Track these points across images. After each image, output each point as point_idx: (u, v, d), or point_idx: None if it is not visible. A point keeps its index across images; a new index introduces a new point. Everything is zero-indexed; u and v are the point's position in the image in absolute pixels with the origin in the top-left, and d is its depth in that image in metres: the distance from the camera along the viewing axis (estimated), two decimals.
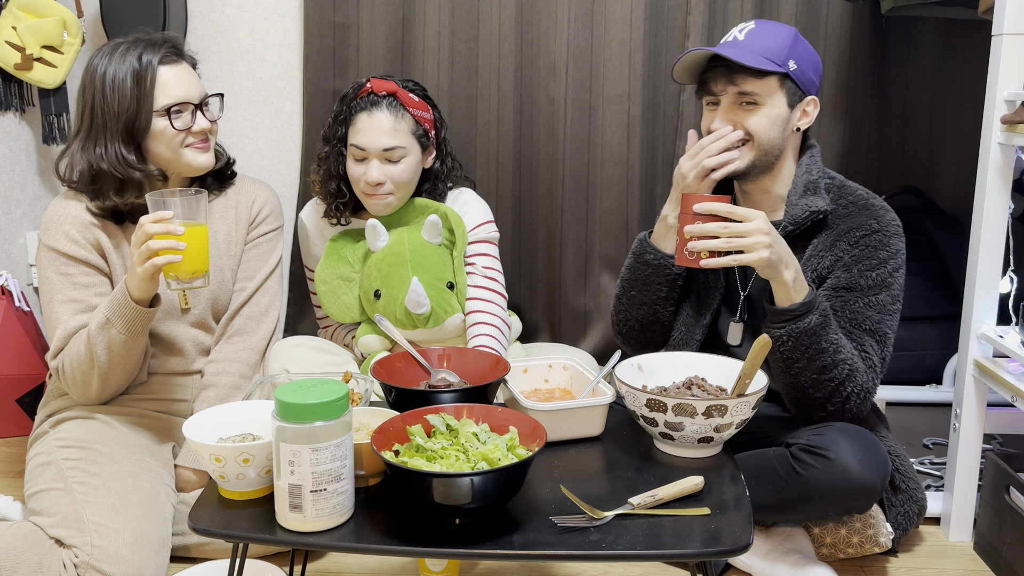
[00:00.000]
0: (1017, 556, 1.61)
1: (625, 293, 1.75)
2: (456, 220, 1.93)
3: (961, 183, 2.45)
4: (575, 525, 1.12)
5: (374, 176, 1.87)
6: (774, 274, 1.47)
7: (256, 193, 1.87)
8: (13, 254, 2.38)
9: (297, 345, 1.93)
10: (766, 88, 1.58)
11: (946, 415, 2.04)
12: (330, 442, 1.08)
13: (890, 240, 1.61)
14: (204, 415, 1.29)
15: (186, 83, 1.69)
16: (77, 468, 1.56)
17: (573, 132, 2.42)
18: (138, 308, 1.55)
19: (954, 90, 2.42)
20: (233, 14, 2.51)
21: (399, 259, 1.88)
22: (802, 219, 1.61)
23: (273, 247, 1.88)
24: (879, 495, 1.49)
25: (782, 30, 1.61)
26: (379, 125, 1.87)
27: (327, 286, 1.96)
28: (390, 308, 1.88)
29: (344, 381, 1.34)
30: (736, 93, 1.59)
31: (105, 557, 1.43)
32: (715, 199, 1.46)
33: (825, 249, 1.62)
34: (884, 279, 1.59)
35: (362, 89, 1.92)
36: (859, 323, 1.58)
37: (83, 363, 1.61)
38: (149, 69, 1.64)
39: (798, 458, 1.49)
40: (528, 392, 1.52)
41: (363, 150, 1.87)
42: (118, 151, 1.64)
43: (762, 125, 1.59)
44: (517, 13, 2.39)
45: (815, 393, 1.54)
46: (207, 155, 1.73)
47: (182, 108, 1.67)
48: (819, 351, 1.50)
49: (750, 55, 1.57)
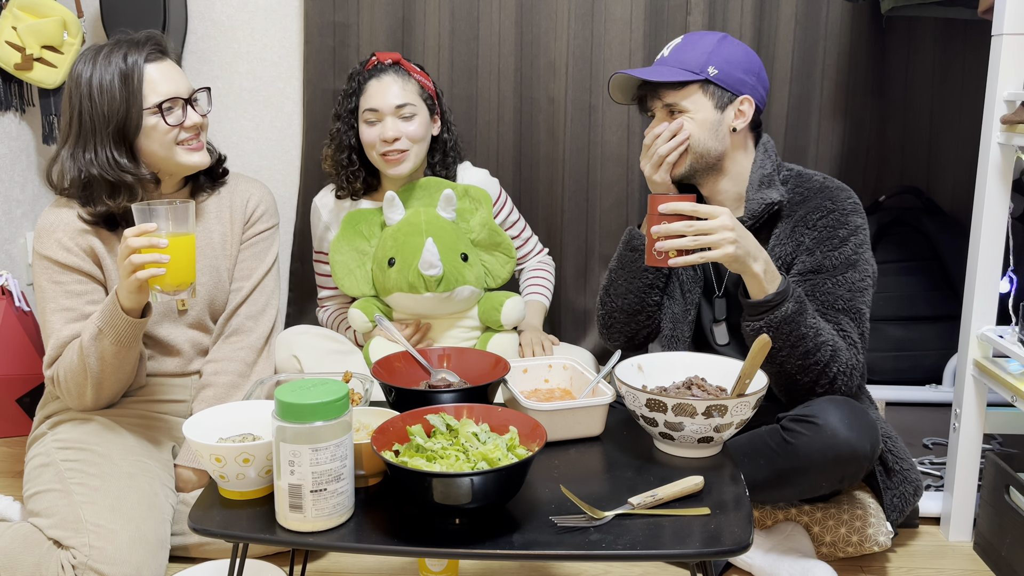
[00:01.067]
0: (1017, 556, 1.61)
1: (612, 282, 1.79)
2: (482, 194, 2.04)
3: (961, 183, 2.45)
4: (575, 525, 1.12)
5: (390, 132, 1.95)
6: (743, 268, 1.50)
7: (251, 192, 1.87)
8: (13, 254, 2.38)
9: (305, 333, 1.95)
10: (686, 96, 1.64)
11: (946, 415, 2.04)
12: (330, 442, 1.08)
13: (848, 218, 1.63)
14: (204, 415, 1.29)
15: (173, 79, 1.68)
16: (75, 469, 1.56)
17: (573, 132, 2.42)
18: (128, 319, 1.53)
19: (954, 90, 2.42)
20: (233, 14, 2.51)
21: (415, 229, 1.92)
22: (759, 212, 1.65)
23: (269, 246, 1.88)
24: (870, 461, 1.51)
25: (706, 40, 1.66)
26: (388, 87, 1.97)
27: (342, 256, 1.99)
28: (403, 274, 1.90)
29: (344, 381, 1.34)
30: (663, 105, 1.67)
31: (103, 558, 1.43)
32: (679, 198, 1.49)
33: (786, 237, 1.65)
34: (849, 257, 1.61)
35: (368, 62, 2.02)
36: (832, 304, 1.61)
37: (76, 373, 1.60)
38: (136, 68, 1.63)
39: (788, 428, 1.52)
40: (528, 392, 1.52)
41: (376, 111, 1.96)
42: (109, 155, 1.63)
43: (690, 130, 1.64)
44: (517, 13, 2.39)
45: (802, 378, 1.56)
46: (200, 154, 1.72)
47: (172, 104, 1.66)
48: (800, 337, 1.52)
49: (665, 70, 1.65)
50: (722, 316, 1.74)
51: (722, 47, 1.65)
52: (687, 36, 1.69)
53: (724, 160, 1.68)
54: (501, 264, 2.05)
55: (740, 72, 1.65)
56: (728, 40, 1.67)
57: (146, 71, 1.64)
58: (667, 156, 1.64)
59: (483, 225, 2.03)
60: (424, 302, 1.92)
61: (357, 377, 1.50)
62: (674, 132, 1.64)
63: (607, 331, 1.83)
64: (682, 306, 1.78)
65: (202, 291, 1.78)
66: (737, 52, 1.66)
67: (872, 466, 1.57)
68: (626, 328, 1.80)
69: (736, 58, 1.65)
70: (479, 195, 2.04)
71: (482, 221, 2.03)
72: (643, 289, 1.75)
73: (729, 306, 1.73)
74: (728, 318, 1.74)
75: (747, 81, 1.65)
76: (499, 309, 1.99)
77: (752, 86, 1.66)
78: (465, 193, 2.03)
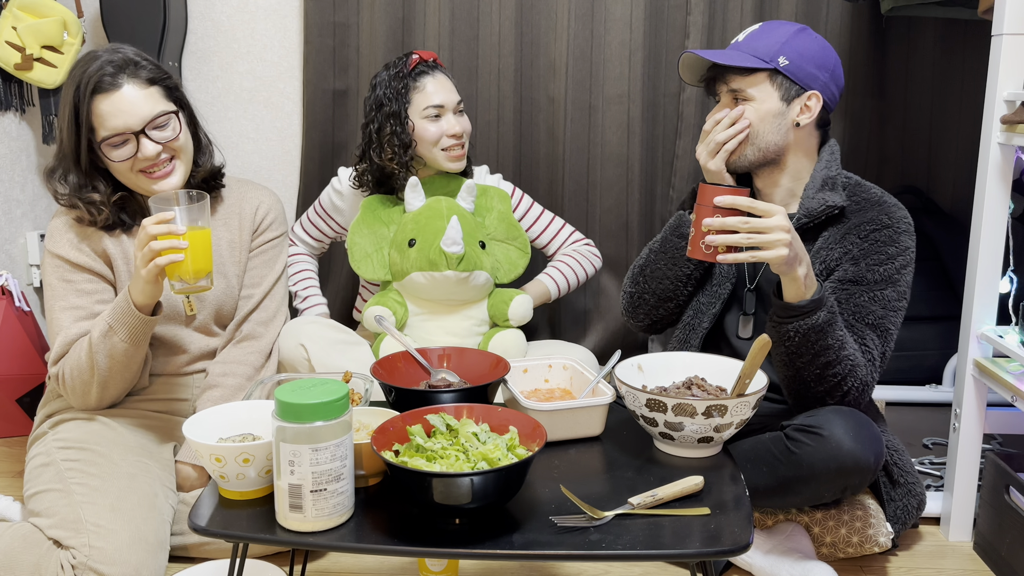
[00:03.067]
0: (1017, 556, 1.61)
1: (651, 264, 1.75)
2: (500, 192, 2.09)
3: (961, 183, 2.45)
4: (575, 525, 1.12)
5: (458, 127, 2.01)
6: (788, 271, 1.46)
7: (260, 199, 1.87)
8: (13, 254, 2.38)
9: (312, 322, 1.95)
10: (753, 83, 1.61)
11: (946, 415, 2.04)
12: (330, 442, 1.08)
13: (900, 237, 1.61)
14: (204, 415, 1.29)
15: (123, 111, 1.59)
16: (76, 469, 1.56)
17: (573, 132, 2.42)
18: (140, 316, 1.55)
19: (954, 90, 2.42)
20: (233, 14, 2.51)
21: (436, 214, 1.94)
22: (817, 212, 1.62)
23: (279, 253, 1.88)
24: (873, 473, 1.50)
25: (782, 29, 1.62)
26: (445, 83, 2.03)
27: (361, 239, 2.01)
28: (424, 252, 1.91)
29: (344, 381, 1.34)
30: (728, 90, 1.64)
31: (103, 558, 1.43)
32: (736, 191, 1.43)
33: (835, 242, 1.63)
34: (891, 275, 1.59)
35: (411, 61, 2.03)
36: (862, 316, 1.58)
37: (83, 371, 1.61)
38: (83, 102, 1.59)
39: (792, 438, 1.51)
40: (528, 392, 1.52)
41: (442, 107, 2.00)
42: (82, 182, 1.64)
43: (751, 119, 1.61)
44: (517, 13, 2.39)
45: (816, 387, 1.54)
46: (169, 178, 1.66)
47: (125, 138, 1.61)
48: (824, 347, 1.49)
49: (736, 55, 1.61)
50: (751, 310, 1.71)
51: (797, 38, 1.61)
52: (765, 24, 1.66)
53: (785, 155, 1.65)
54: (516, 257, 2.06)
55: (812, 66, 1.61)
56: (806, 32, 1.63)
57: (94, 104, 1.59)
58: (725, 143, 1.61)
59: (501, 219, 2.05)
60: (442, 282, 1.92)
61: (357, 377, 1.50)
62: (734, 120, 1.61)
63: (632, 311, 1.81)
64: (708, 296, 1.74)
65: (210, 296, 1.78)
66: (813, 46, 1.62)
67: (875, 477, 1.56)
68: (653, 312, 1.78)
69: (811, 51, 1.61)
70: (497, 193, 2.07)
71: (500, 215, 2.06)
72: (681, 278, 1.73)
73: (758, 300, 1.71)
74: (756, 313, 1.71)
75: (818, 76, 1.62)
76: (508, 303, 1.99)
77: (823, 83, 1.62)
78: (484, 192, 2.06)
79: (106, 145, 1.61)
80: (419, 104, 2.00)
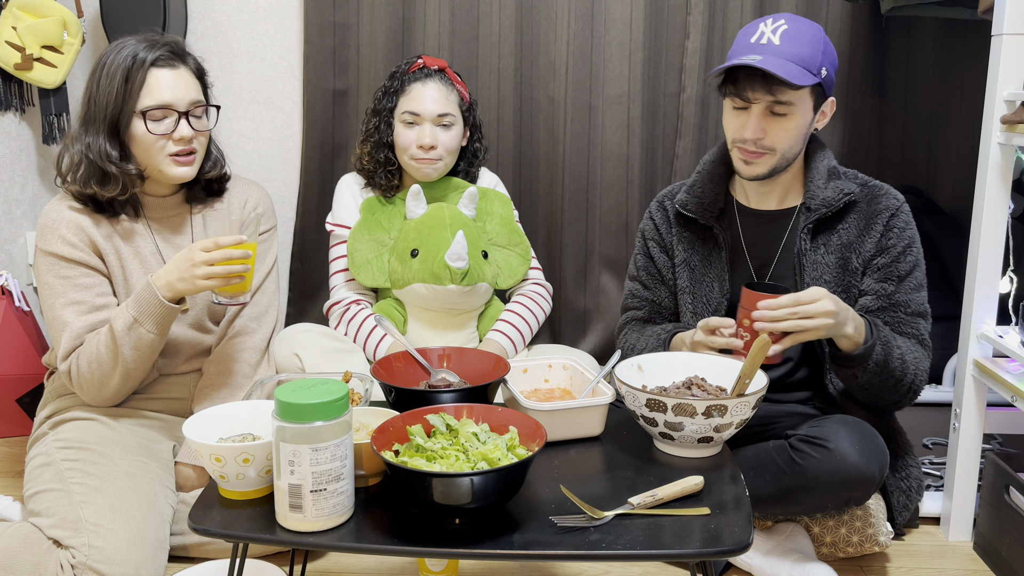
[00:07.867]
0: (1017, 556, 1.61)
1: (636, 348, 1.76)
2: (502, 197, 2.10)
3: (961, 183, 2.45)
4: (575, 525, 1.12)
5: (428, 139, 1.98)
6: (838, 332, 1.49)
7: (248, 194, 1.87)
8: (13, 254, 2.38)
9: (306, 331, 1.95)
10: (799, 97, 1.56)
11: (946, 415, 2.04)
12: (330, 442, 1.08)
13: (909, 216, 1.67)
14: (204, 415, 1.29)
15: (176, 88, 1.65)
16: (76, 469, 1.56)
17: (573, 132, 2.42)
18: (170, 306, 1.59)
19: (954, 90, 2.42)
20: (233, 14, 2.51)
21: (439, 223, 1.94)
22: (835, 202, 1.64)
23: (268, 247, 1.88)
24: (877, 485, 1.50)
25: (814, 33, 1.56)
26: (432, 93, 2.00)
27: (361, 245, 2.00)
28: (427, 265, 1.91)
29: (344, 381, 1.34)
30: (771, 102, 1.55)
31: (102, 558, 1.43)
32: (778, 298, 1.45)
33: (862, 231, 1.65)
34: (917, 258, 1.66)
35: (414, 64, 2.03)
36: (910, 310, 1.63)
37: (103, 363, 1.61)
38: (140, 68, 1.63)
39: (797, 448, 1.51)
40: (528, 392, 1.52)
41: (417, 115, 1.99)
42: (103, 144, 1.64)
43: (789, 136, 1.58)
44: (517, 13, 2.39)
45: (891, 396, 1.61)
46: (186, 168, 1.70)
47: (165, 113, 1.65)
48: (891, 371, 1.55)
49: (791, 67, 1.51)
50: None
51: (829, 46, 1.58)
52: (790, 20, 1.56)
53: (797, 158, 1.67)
54: (517, 264, 2.06)
55: (834, 73, 1.61)
56: (826, 37, 1.59)
57: (150, 74, 1.64)
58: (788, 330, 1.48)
59: (503, 224, 2.05)
60: (443, 295, 1.93)
61: (357, 377, 1.50)
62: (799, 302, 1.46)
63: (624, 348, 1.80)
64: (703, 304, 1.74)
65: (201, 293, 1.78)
66: (833, 50, 1.61)
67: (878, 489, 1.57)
68: None
69: (834, 59, 1.60)
70: (498, 197, 2.08)
71: (502, 220, 2.06)
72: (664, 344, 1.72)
73: None
74: None
75: (835, 82, 1.64)
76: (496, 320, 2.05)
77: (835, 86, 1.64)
78: (484, 194, 2.06)
79: (148, 115, 1.64)
80: (401, 107, 2.02)
